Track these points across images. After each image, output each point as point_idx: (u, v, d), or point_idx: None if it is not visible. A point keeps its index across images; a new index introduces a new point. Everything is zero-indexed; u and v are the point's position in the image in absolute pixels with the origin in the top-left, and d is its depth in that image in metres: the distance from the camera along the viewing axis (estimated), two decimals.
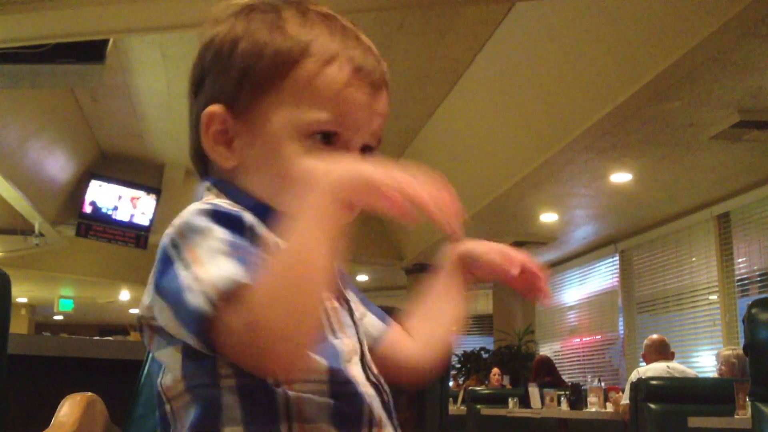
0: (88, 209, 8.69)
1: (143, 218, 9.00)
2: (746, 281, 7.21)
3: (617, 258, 9.17)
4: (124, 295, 15.00)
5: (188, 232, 0.80)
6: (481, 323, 12.04)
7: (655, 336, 6.31)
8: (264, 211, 0.87)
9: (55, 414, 0.81)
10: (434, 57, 6.17)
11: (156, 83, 6.93)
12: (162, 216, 9.00)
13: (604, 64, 4.90)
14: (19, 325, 15.74)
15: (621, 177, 6.64)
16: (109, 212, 8.82)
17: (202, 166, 0.97)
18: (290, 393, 0.81)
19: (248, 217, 0.84)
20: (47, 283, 13.92)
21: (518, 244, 9.19)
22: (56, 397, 0.84)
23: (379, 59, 0.94)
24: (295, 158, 0.89)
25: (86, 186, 8.66)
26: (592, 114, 5.14)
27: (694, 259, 7.91)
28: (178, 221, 0.83)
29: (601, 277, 9.69)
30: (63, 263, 12.08)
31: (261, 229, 0.85)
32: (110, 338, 4.33)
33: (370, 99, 0.92)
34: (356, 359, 0.89)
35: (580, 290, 10.18)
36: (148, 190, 9.02)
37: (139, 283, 13.15)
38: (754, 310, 2.55)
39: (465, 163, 7.16)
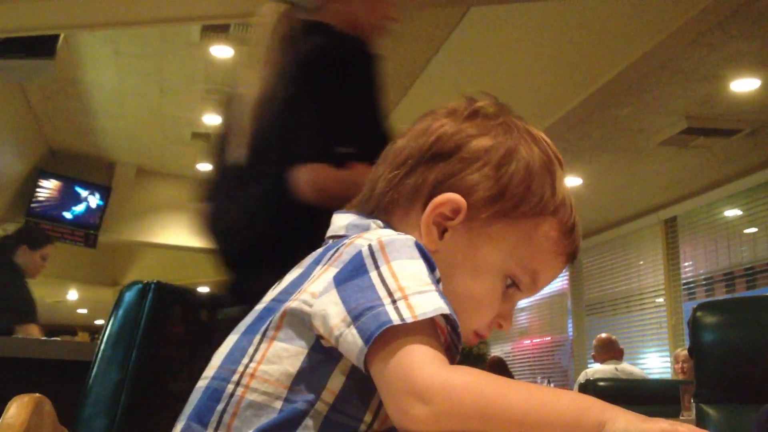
0: (36, 207, 8.52)
1: (93, 217, 8.84)
2: (692, 285, 7.35)
3: None
4: (72, 294, 14.72)
5: (392, 249, 0.80)
6: None
7: (603, 335, 6.42)
8: None
9: (2, 416, 0.80)
10: (389, 60, 6.17)
11: (107, 80, 6.83)
12: (112, 215, 8.83)
13: (555, 70, 4.96)
14: None
15: (571, 181, 6.73)
16: (58, 210, 8.65)
17: (370, 209, 0.95)
18: None
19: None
20: None
21: None
22: (3, 399, 0.83)
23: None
24: (487, 294, 0.90)
25: (34, 183, 8.48)
26: (544, 119, 5.20)
27: (641, 262, 8.04)
28: (375, 235, 0.84)
29: None
30: None
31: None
32: (57, 339, 4.25)
33: (563, 270, 0.98)
34: None
35: None
36: (98, 188, 8.86)
37: (88, 283, 12.97)
38: (698, 314, 2.60)
39: None
